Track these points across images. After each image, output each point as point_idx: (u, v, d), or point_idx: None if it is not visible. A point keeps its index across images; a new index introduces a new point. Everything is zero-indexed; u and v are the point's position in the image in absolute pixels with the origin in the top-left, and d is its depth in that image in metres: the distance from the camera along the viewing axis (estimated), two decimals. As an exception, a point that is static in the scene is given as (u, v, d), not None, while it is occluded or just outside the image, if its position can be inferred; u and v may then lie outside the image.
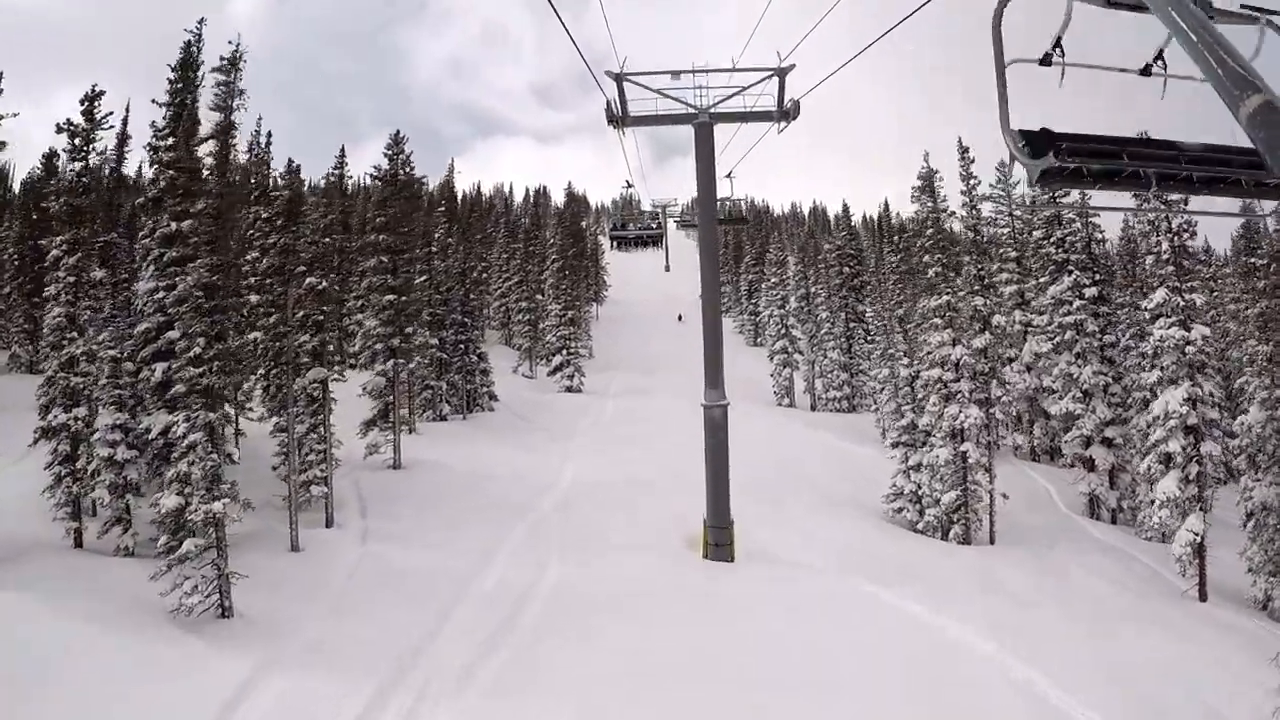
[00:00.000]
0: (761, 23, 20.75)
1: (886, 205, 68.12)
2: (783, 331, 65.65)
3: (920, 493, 36.56)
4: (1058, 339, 44.34)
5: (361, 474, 34.96)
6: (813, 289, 66.74)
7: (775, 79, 23.05)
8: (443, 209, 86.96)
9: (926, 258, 34.64)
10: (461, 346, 51.03)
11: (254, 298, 26.91)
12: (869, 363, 65.51)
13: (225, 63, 29.84)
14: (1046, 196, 10.14)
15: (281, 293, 25.30)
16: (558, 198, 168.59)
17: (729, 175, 38.19)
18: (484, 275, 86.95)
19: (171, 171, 22.89)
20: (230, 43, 31.26)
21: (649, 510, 31.25)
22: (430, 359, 48.22)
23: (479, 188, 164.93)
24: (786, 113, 23.06)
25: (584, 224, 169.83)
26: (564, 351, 62.94)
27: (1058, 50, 4.71)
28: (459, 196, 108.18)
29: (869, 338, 66.81)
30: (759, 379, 71.63)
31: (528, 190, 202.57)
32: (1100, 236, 46.86)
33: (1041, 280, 46.15)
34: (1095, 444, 42.57)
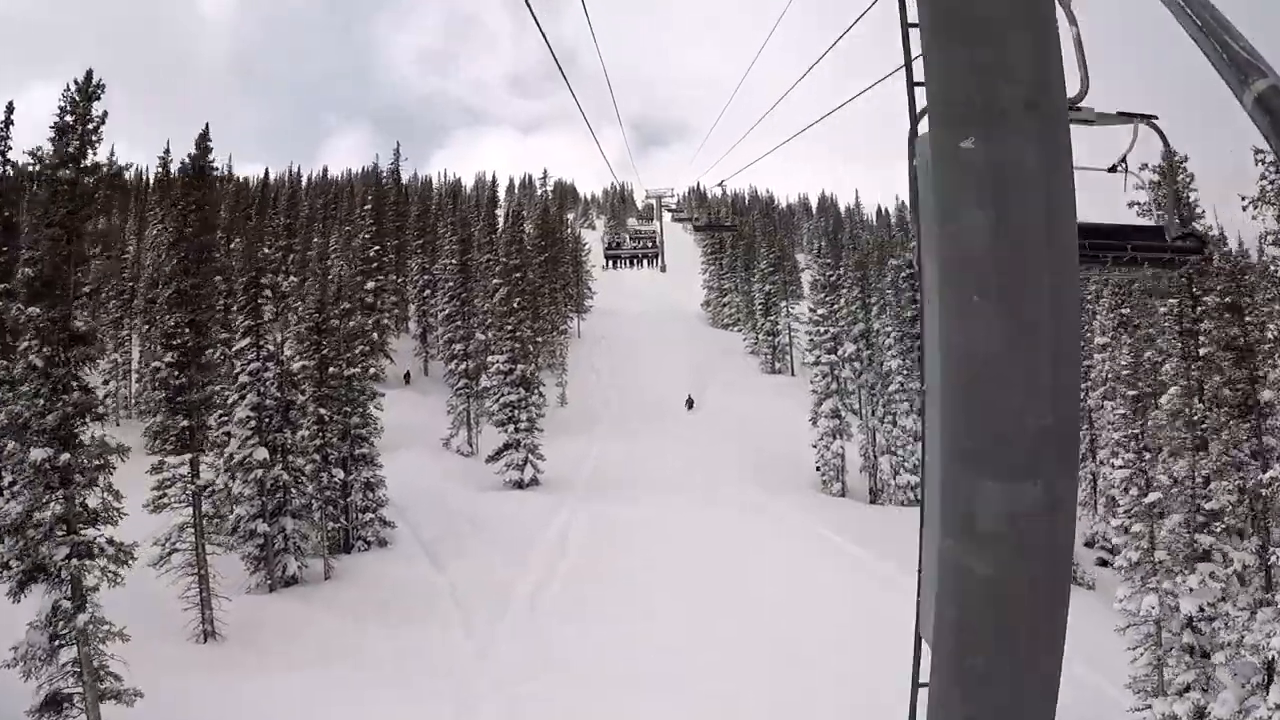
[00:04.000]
0: None
1: None
2: (833, 386, 45.52)
3: None
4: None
5: None
6: (874, 323, 46.54)
7: None
8: (368, 208, 67.36)
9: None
10: (321, 455, 30.91)
11: None
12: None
13: None
14: None
15: None
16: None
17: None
18: (429, 296, 66.93)
19: None
20: None
21: None
22: (257, 484, 28.16)
23: (446, 176, 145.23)
24: None
25: (570, 217, 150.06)
26: (511, 426, 42.67)
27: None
28: (403, 190, 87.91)
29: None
30: (791, 432, 51.65)
31: (511, 181, 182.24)
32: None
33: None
34: None
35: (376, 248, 65.22)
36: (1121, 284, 42.56)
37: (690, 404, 60.22)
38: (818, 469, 45.79)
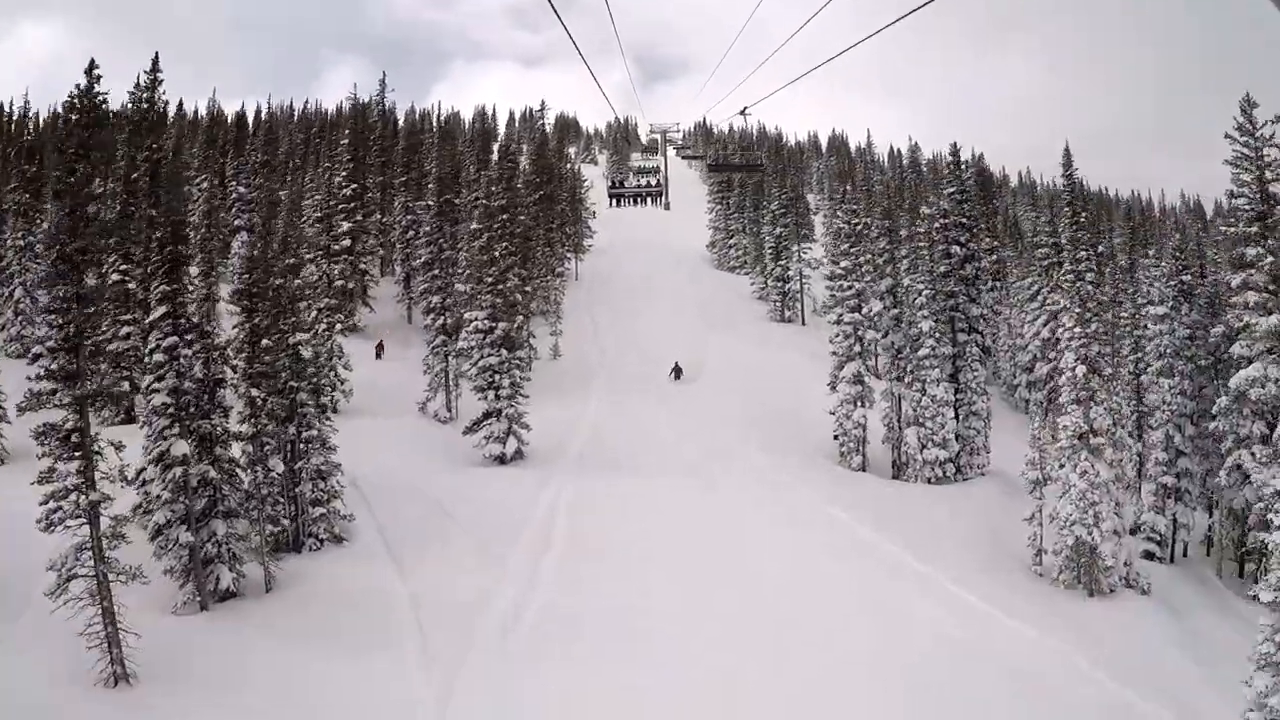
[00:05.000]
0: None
1: (1069, 154, 40.67)
2: (855, 349, 40.66)
3: None
4: None
5: None
6: (904, 279, 41.30)
7: None
8: (345, 143, 62.09)
9: None
10: (255, 444, 26.20)
11: None
12: (982, 399, 40.90)
13: None
14: None
15: None
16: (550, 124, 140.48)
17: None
18: (414, 238, 61.67)
19: None
20: None
21: None
22: (177, 485, 23.51)
23: (441, 110, 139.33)
24: None
25: (571, 151, 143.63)
26: (491, 393, 37.78)
27: None
28: (391, 124, 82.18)
29: (984, 358, 42.21)
30: (803, 391, 47.22)
31: (512, 114, 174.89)
32: None
33: None
34: None
35: (354, 185, 60.11)
36: (1181, 248, 37.56)
37: (678, 373, 53.16)
38: (835, 438, 41.21)
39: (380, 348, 52.65)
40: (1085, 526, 28.63)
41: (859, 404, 40.38)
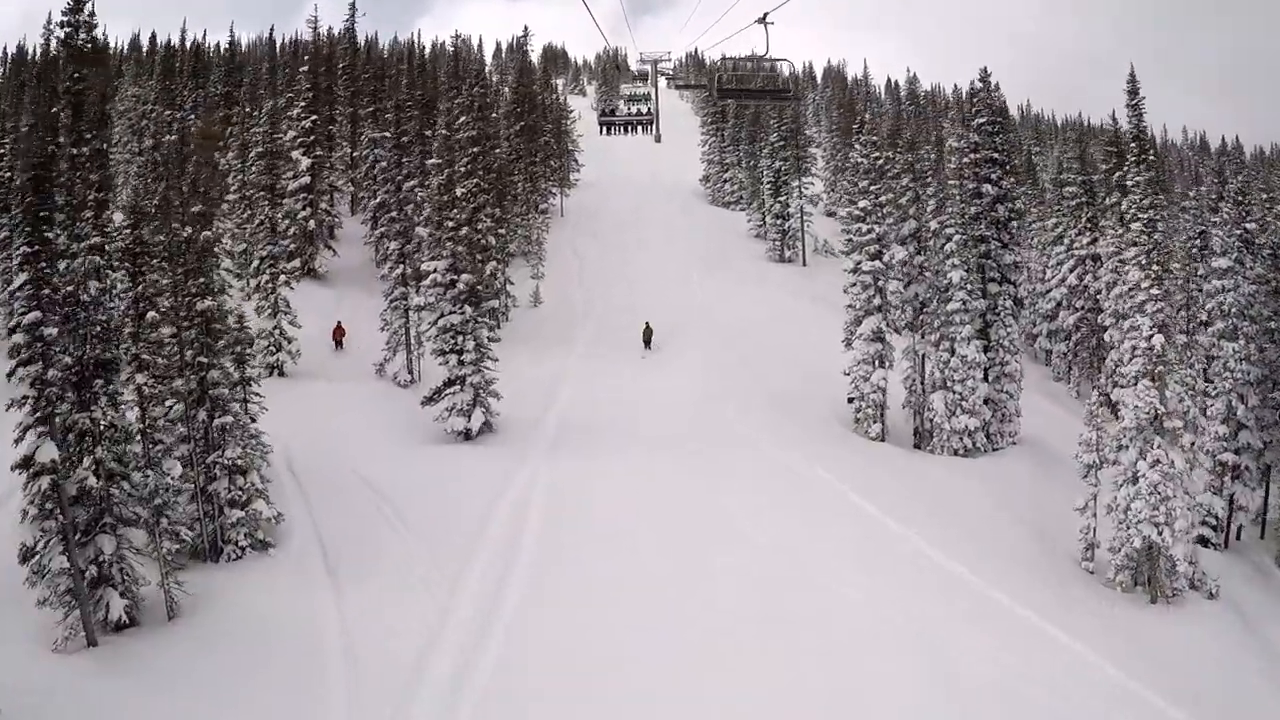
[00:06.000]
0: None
1: (1134, 79, 34.49)
2: (875, 301, 35.80)
3: None
4: None
5: None
6: (929, 221, 36.11)
7: None
8: (305, 70, 56.55)
9: None
10: (145, 441, 21.25)
11: None
12: (1015, 359, 36.27)
13: None
14: None
15: None
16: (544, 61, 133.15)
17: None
18: (378, 173, 56.16)
19: None
20: None
21: None
22: (41, 496, 18.65)
23: (419, 39, 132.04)
24: None
25: (560, 83, 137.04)
26: (454, 357, 32.71)
27: None
28: (363, 53, 75.92)
29: (1017, 313, 37.51)
30: (808, 339, 42.88)
31: (499, 45, 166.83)
32: None
33: None
34: None
35: (315, 117, 54.57)
36: (1244, 192, 32.53)
37: (648, 338, 45.81)
38: (850, 401, 36.58)
39: (339, 334, 42.40)
40: (1155, 525, 24.14)
41: (879, 364, 35.65)
